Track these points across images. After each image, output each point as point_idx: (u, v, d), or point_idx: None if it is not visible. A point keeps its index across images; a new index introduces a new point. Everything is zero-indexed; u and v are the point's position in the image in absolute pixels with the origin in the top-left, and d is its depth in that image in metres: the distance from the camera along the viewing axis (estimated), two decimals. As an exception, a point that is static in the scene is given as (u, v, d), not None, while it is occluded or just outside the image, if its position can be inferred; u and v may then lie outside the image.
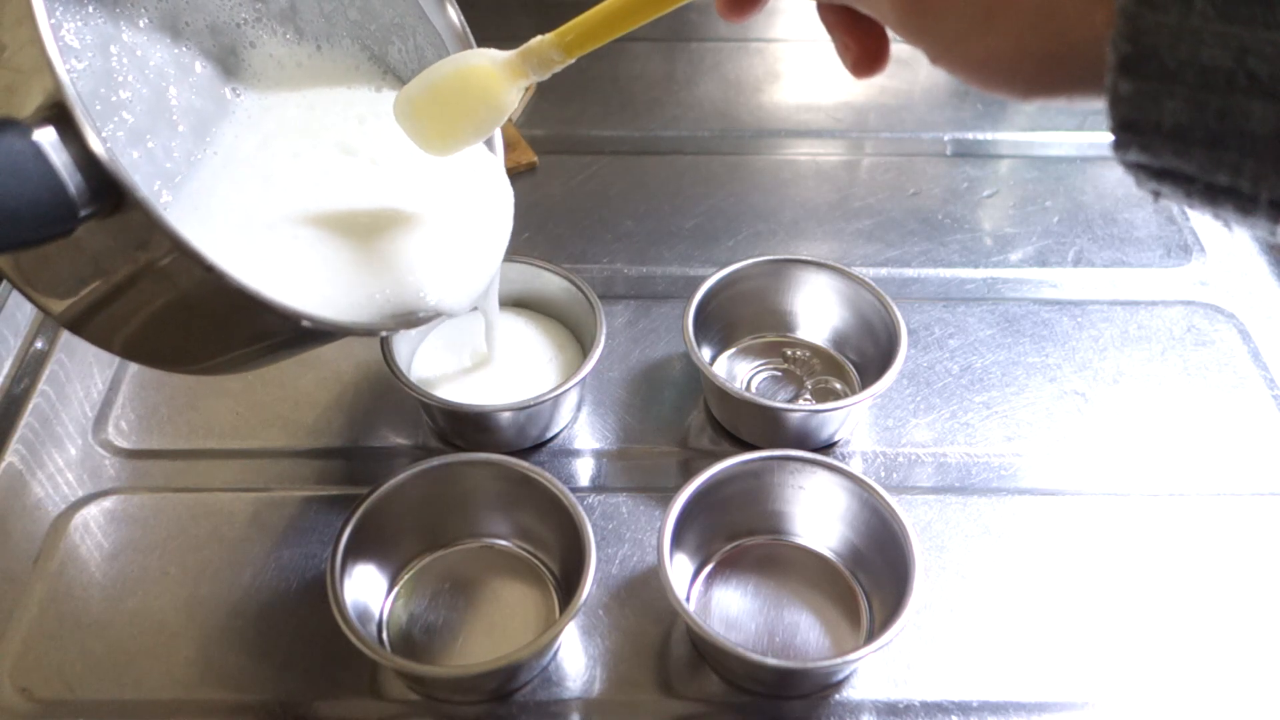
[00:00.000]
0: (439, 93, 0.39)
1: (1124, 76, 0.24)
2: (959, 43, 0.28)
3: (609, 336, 0.58)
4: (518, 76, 0.38)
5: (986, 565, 0.52)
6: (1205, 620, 0.50)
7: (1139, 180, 0.25)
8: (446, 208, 0.44)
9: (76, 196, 0.29)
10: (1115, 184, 0.74)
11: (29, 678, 0.47)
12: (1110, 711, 0.47)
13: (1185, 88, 0.23)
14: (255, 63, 0.45)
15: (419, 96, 0.40)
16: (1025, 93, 0.28)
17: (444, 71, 0.39)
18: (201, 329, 0.36)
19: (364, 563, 0.48)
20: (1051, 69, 0.27)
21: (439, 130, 0.40)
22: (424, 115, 0.40)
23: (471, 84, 0.39)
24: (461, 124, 0.40)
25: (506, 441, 0.55)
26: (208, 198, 0.39)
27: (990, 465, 0.56)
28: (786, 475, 0.50)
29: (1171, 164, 0.24)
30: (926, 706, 0.47)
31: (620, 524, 0.53)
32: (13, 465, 0.56)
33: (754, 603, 0.50)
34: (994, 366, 0.61)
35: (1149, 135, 0.24)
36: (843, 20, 0.33)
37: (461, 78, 0.39)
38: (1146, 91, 0.23)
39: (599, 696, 0.47)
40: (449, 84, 0.39)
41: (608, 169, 0.75)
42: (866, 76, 0.34)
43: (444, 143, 0.41)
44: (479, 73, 0.39)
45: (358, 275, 0.40)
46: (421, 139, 0.41)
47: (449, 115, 0.40)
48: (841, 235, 0.70)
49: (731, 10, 0.35)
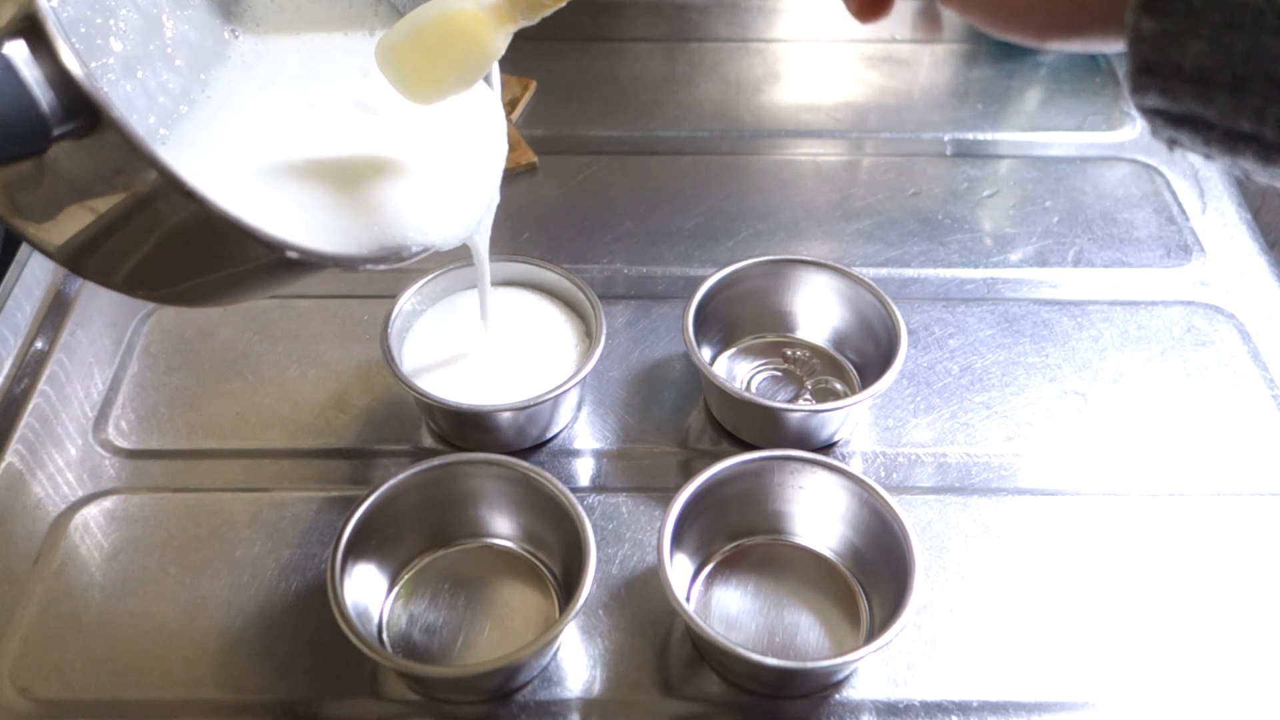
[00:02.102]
0: (422, 38, 0.38)
1: (1147, 14, 0.23)
2: None
3: (609, 336, 0.58)
4: (505, 21, 0.37)
5: (986, 565, 0.52)
6: (1205, 620, 0.50)
7: (1155, 127, 0.24)
8: (440, 149, 0.43)
9: (49, 113, 0.28)
10: (1115, 184, 0.74)
11: (29, 678, 0.47)
12: (1111, 711, 0.47)
13: (1211, 27, 0.22)
14: (255, 4, 0.43)
15: (401, 42, 0.38)
16: (1041, 33, 0.26)
17: (427, 16, 0.38)
18: (194, 259, 0.35)
19: (364, 563, 0.48)
20: (1071, 5, 0.25)
21: (422, 78, 0.39)
22: (407, 62, 0.38)
23: (456, 29, 0.37)
24: (446, 71, 0.38)
25: (506, 441, 0.55)
26: (198, 135, 0.38)
27: (990, 465, 0.56)
28: (786, 475, 0.50)
29: (1192, 109, 0.23)
30: (926, 706, 0.47)
31: (620, 524, 0.53)
32: (13, 465, 0.56)
33: (754, 603, 0.50)
34: (994, 366, 0.61)
35: (1170, 78, 0.23)
36: None
37: (446, 22, 0.37)
38: (1170, 30, 0.22)
39: (599, 696, 0.47)
40: (432, 29, 0.38)
41: (608, 169, 0.75)
42: (871, 20, 0.33)
43: (428, 91, 0.39)
44: (464, 17, 0.37)
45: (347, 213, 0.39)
46: (404, 87, 0.39)
47: (433, 62, 0.38)
48: (841, 235, 0.70)
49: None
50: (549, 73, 0.82)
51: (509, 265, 0.59)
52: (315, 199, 0.39)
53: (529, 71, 0.81)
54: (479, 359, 0.56)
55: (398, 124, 0.43)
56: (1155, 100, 0.24)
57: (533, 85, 0.80)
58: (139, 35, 0.38)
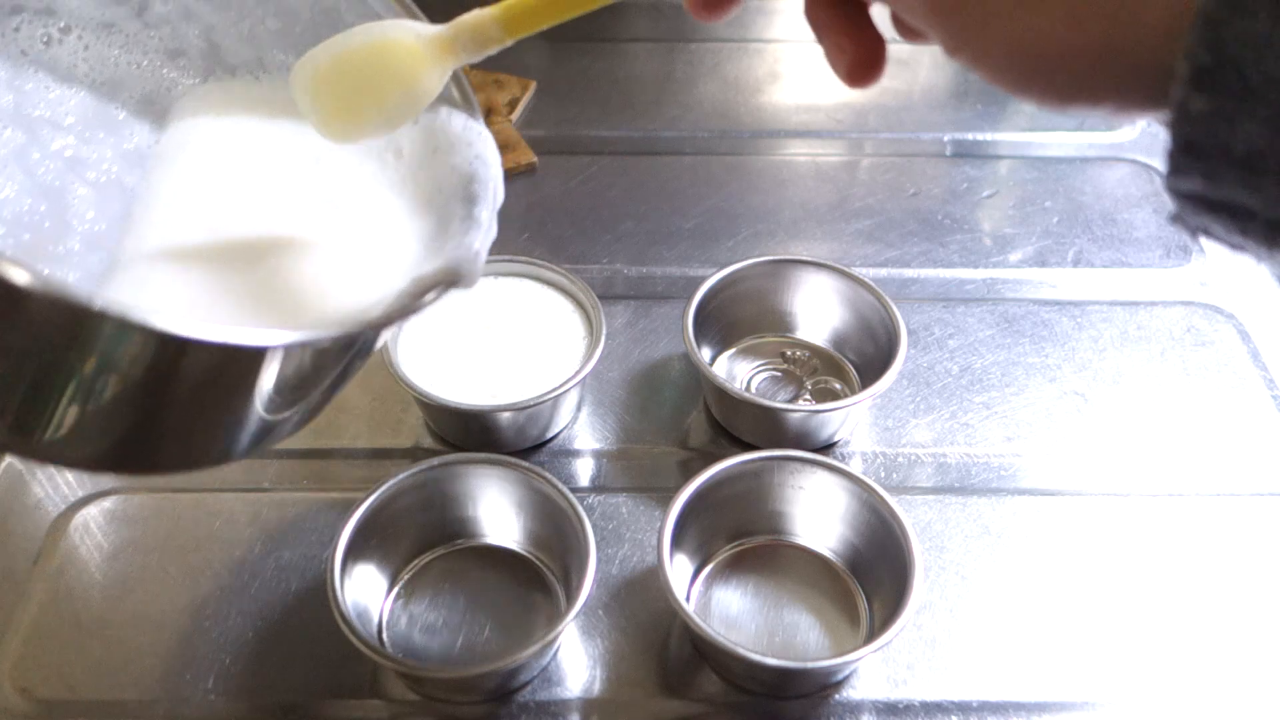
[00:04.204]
0: (347, 66, 0.32)
1: (1198, 91, 0.20)
2: (991, 23, 0.23)
3: (609, 336, 0.58)
4: (446, 56, 0.32)
5: (986, 565, 0.52)
6: (1205, 620, 0.50)
7: (1186, 214, 0.22)
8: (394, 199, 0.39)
9: None
10: (1115, 184, 0.74)
11: (29, 678, 0.47)
12: (1111, 712, 0.47)
13: (1268, 107, 0.20)
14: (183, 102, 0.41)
15: (324, 67, 0.33)
16: (1062, 96, 0.23)
17: (358, 42, 0.32)
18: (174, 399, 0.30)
19: (364, 563, 0.48)
20: (1107, 64, 0.22)
21: (341, 111, 0.33)
22: (326, 91, 0.33)
23: (388, 61, 0.32)
24: (369, 108, 0.33)
25: (506, 441, 0.55)
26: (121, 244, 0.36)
27: (990, 465, 0.56)
28: (786, 475, 0.50)
29: (1234, 195, 0.21)
30: (926, 706, 0.47)
31: (620, 524, 0.53)
32: (13, 465, 0.56)
33: (754, 603, 0.50)
34: (994, 367, 0.61)
35: (1215, 161, 0.21)
36: (836, 19, 0.29)
37: (377, 52, 0.32)
38: (1222, 110, 0.20)
39: (599, 696, 0.47)
40: (361, 57, 0.32)
41: (608, 169, 0.75)
42: (863, 85, 0.30)
43: (345, 128, 0.34)
44: (399, 48, 0.32)
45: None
46: (319, 119, 0.34)
47: (355, 96, 0.33)
48: (841, 235, 0.70)
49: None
50: (549, 73, 0.82)
51: (509, 265, 0.60)
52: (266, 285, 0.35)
53: (529, 71, 0.81)
54: (480, 357, 0.56)
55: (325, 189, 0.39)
56: (1195, 184, 0.21)
57: (533, 85, 0.80)
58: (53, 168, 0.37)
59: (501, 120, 0.77)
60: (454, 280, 0.34)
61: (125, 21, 0.41)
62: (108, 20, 0.40)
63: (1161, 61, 0.21)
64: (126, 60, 0.41)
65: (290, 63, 0.39)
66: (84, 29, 0.40)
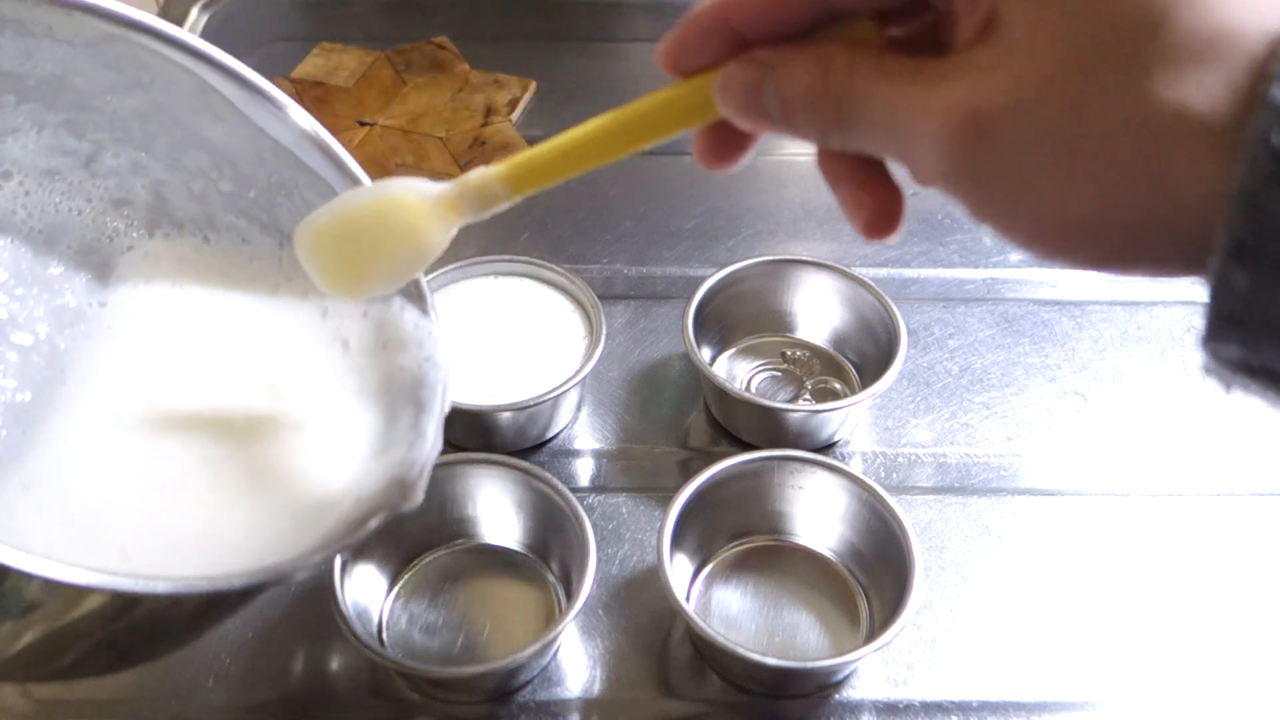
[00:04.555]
0: (352, 226, 0.33)
1: (1238, 264, 0.19)
2: (1027, 195, 0.22)
3: (609, 336, 0.58)
4: (451, 215, 0.32)
5: (986, 565, 0.52)
6: (1205, 620, 0.50)
7: (1223, 374, 0.21)
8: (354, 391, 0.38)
9: None
10: (1115, 184, 0.74)
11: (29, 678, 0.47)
12: (1111, 712, 0.47)
13: None
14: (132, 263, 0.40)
15: (329, 227, 0.33)
16: (1096, 264, 0.22)
17: (361, 201, 0.33)
18: None
19: (364, 563, 0.48)
20: (1142, 233, 0.21)
21: (347, 270, 0.34)
22: (331, 251, 0.34)
23: (393, 220, 0.32)
24: (374, 266, 0.33)
25: (506, 441, 0.55)
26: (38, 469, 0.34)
27: (990, 465, 0.56)
28: (786, 475, 0.50)
29: (1275, 363, 0.20)
30: (926, 706, 0.47)
31: (620, 524, 0.53)
32: (13, 465, 0.56)
33: (754, 603, 0.50)
34: (994, 366, 0.61)
35: (1256, 331, 0.20)
36: (852, 171, 0.27)
37: (381, 211, 0.33)
38: (1264, 284, 0.19)
39: (599, 696, 0.47)
40: (368, 216, 0.33)
41: (608, 169, 0.74)
42: (881, 238, 0.28)
43: (350, 286, 0.34)
44: (404, 207, 0.32)
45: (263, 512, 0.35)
46: (324, 277, 0.34)
47: (361, 254, 0.33)
48: (841, 235, 0.70)
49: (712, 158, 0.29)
50: (549, 73, 0.82)
51: (509, 265, 0.60)
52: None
53: (529, 71, 0.81)
54: (480, 357, 0.56)
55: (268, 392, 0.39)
56: (1234, 351, 0.21)
57: (533, 85, 0.80)
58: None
59: (501, 120, 0.77)
60: (396, 505, 0.34)
61: (71, 171, 0.39)
62: (52, 168, 0.39)
63: (1199, 234, 0.20)
64: (68, 207, 0.39)
65: (241, 225, 0.40)
66: (26, 175, 0.38)
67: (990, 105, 0.22)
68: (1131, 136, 0.20)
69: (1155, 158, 0.20)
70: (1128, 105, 0.20)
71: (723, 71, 0.26)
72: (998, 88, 0.22)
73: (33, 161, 0.38)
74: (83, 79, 0.36)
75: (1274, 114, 0.19)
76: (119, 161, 0.40)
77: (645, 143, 0.29)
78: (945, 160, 0.22)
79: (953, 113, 0.22)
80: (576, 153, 0.30)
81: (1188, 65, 0.20)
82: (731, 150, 0.29)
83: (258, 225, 0.41)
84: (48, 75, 0.36)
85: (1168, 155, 0.20)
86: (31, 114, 0.37)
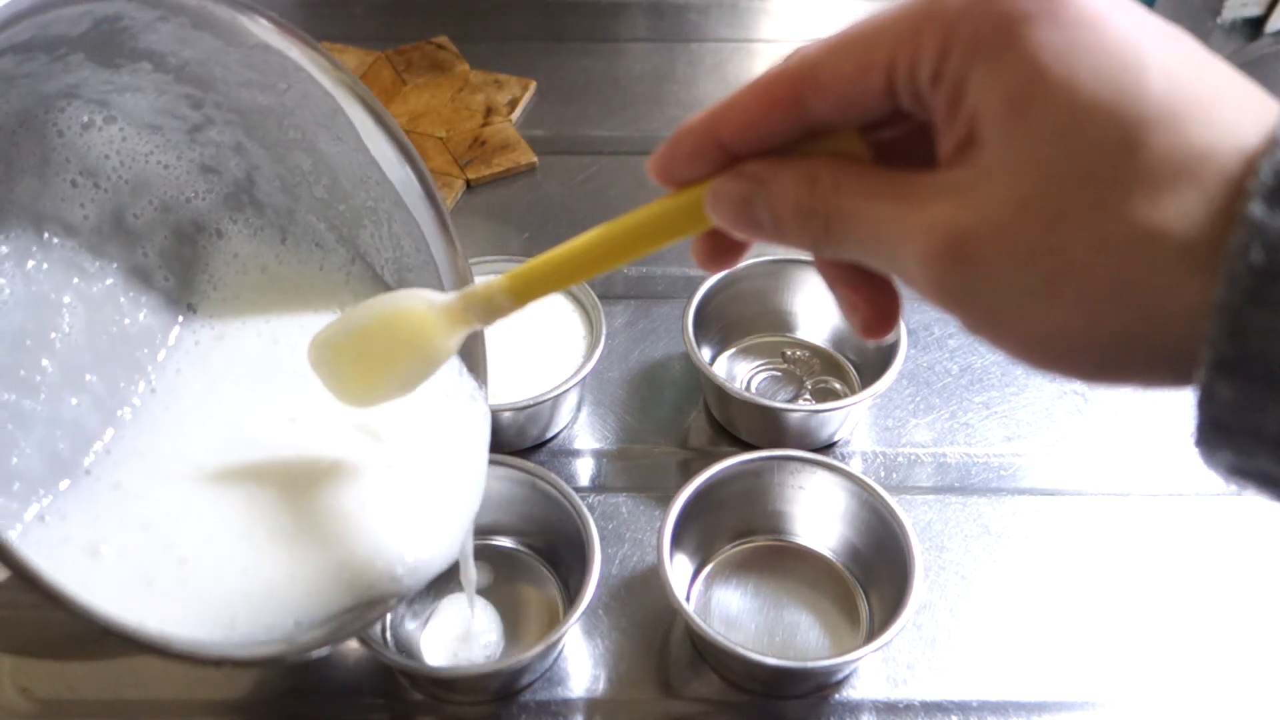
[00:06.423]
0: (362, 339, 0.34)
1: (1223, 378, 0.20)
2: (1011, 315, 0.22)
3: (609, 336, 0.58)
4: (457, 324, 0.33)
5: (986, 565, 0.52)
6: (1205, 620, 0.50)
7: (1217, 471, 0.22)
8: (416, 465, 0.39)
9: None
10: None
11: (29, 678, 0.47)
12: (1111, 711, 0.47)
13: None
14: (215, 266, 0.41)
15: (340, 342, 0.35)
16: (1092, 375, 0.23)
17: (371, 314, 0.34)
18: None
19: (364, 563, 0.48)
20: (1127, 350, 0.22)
21: (361, 381, 0.35)
22: (344, 363, 0.35)
23: (401, 331, 0.33)
24: (384, 376, 0.34)
25: (506, 441, 0.55)
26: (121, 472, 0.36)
27: (990, 465, 0.56)
28: (786, 475, 0.50)
29: (1268, 469, 0.21)
30: (926, 706, 0.47)
31: (620, 524, 0.53)
32: (13, 465, 0.56)
33: (754, 603, 0.50)
34: (994, 366, 0.61)
35: (1246, 439, 0.21)
36: (849, 276, 0.28)
37: (389, 323, 0.34)
38: (1249, 396, 0.20)
39: (600, 696, 0.47)
40: (374, 329, 0.34)
41: (608, 169, 0.75)
42: (878, 338, 0.29)
43: (363, 395, 0.36)
44: (411, 318, 0.33)
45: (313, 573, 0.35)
46: (339, 388, 0.36)
47: (371, 365, 0.35)
48: (841, 235, 0.70)
49: (710, 261, 0.30)
50: (549, 73, 0.82)
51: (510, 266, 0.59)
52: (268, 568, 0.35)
53: (529, 71, 0.81)
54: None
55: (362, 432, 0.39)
56: (1226, 457, 0.21)
57: (533, 85, 0.80)
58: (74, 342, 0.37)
59: (501, 120, 0.77)
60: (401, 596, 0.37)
61: (173, 132, 0.40)
62: (157, 125, 0.40)
63: (1184, 349, 0.21)
64: (158, 160, 0.40)
65: (319, 229, 0.41)
66: (129, 123, 0.39)
67: (970, 228, 0.22)
68: (1111, 258, 0.20)
69: (1135, 278, 0.20)
70: (1106, 227, 0.20)
71: (714, 185, 0.26)
72: (977, 210, 0.22)
73: (142, 116, 0.39)
74: (223, 70, 0.37)
75: (1252, 230, 0.19)
76: (223, 138, 0.40)
77: (641, 252, 0.29)
78: (930, 280, 0.23)
79: (933, 234, 0.22)
80: (575, 264, 0.30)
81: (1165, 186, 0.20)
82: (727, 254, 0.29)
83: (336, 234, 0.42)
84: (191, 59, 0.37)
85: (1148, 275, 0.20)
86: (159, 82, 0.37)
